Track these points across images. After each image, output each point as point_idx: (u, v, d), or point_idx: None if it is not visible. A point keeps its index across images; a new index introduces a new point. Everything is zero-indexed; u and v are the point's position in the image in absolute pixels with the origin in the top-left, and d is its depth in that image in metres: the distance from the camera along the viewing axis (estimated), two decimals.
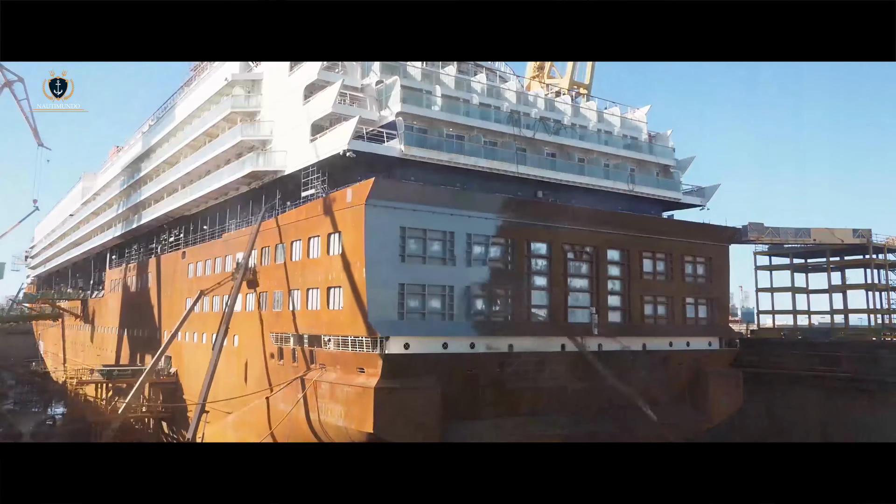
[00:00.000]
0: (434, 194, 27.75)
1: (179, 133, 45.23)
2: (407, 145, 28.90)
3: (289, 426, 28.90)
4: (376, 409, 24.38)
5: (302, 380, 28.43)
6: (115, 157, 65.45)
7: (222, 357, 36.27)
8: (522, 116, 33.44)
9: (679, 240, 34.19)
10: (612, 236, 31.85)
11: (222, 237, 38.70)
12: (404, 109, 29.77)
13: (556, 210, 30.82)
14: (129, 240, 57.66)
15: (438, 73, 33.00)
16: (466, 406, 26.80)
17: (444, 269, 27.25)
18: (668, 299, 33.81)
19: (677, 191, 37.82)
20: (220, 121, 38.17)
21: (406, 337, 25.58)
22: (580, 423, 28.56)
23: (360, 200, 25.92)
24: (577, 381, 29.17)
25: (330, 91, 29.63)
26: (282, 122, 33.99)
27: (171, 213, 46.30)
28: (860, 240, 43.12)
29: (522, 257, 29.19)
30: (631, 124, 38.48)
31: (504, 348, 27.75)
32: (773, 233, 42.75)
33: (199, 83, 43.46)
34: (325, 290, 28.01)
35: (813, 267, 48.63)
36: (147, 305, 48.92)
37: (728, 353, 35.25)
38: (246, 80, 36.90)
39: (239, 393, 32.97)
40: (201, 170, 40.70)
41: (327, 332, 27.82)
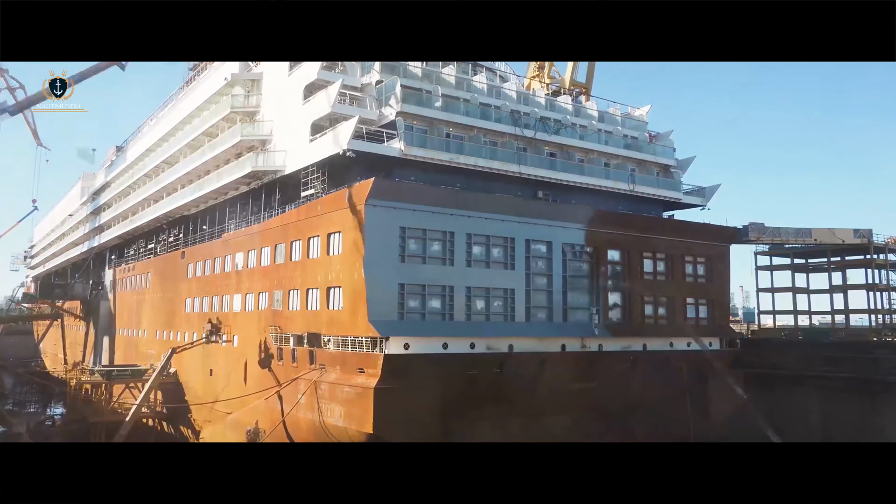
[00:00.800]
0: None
1: (179, 133, 45.22)
2: (407, 145, 28.87)
3: (288, 426, 28.91)
4: (376, 409, 24.36)
5: (301, 380, 28.42)
6: (115, 157, 65.45)
7: (222, 357, 36.33)
8: (523, 116, 33.41)
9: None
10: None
11: (222, 237, 38.69)
12: (404, 109, 29.72)
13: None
14: (129, 240, 57.65)
15: (438, 73, 32.94)
16: (466, 406, 26.77)
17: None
18: (667, 299, 33.86)
19: (678, 191, 37.80)
20: (219, 120, 38.19)
21: (406, 337, 25.57)
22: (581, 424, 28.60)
23: (360, 200, 25.92)
24: (578, 381, 29.18)
25: (330, 91, 29.61)
26: (281, 122, 33.97)
27: (170, 213, 46.28)
28: (861, 240, 43.01)
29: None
30: (632, 124, 38.47)
31: (504, 348, 27.75)
32: (774, 233, 42.61)
33: (199, 83, 43.45)
34: (324, 291, 28.01)
35: (814, 267, 48.55)
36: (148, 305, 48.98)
37: (728, 353, 35.25)
38: (245, 79, 36.89)
39: (238, 393, 32.96)
40: (201, 169, 40.67)
41: (327, 332, 27.81)
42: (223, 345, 35.07)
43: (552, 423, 27.99)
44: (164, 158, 47.15)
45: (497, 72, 39.36)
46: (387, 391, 24.54)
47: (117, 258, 60.76)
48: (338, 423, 26.07)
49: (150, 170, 50.22)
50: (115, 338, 56.92)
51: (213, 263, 39.07)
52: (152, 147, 50.53)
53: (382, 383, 24.63)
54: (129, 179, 55.53)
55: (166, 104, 52.19)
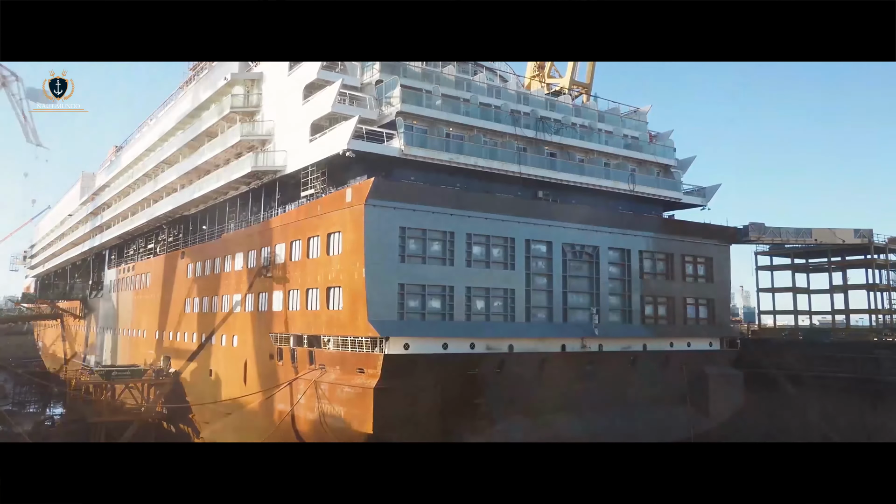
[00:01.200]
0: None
1: (179, 132, 45.20)
2: (407, 145, 28.83)
3: (288, 427, 28.88)
4: (376, 409, 24.34)
5: (301, 381, 28.40)
6: (115, 157, 65.42)
7: (222, 358, 36.31)
8: (523, 116, 33.36)
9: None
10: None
11: (221, 237, 38.64)
12: (404, 109, 29.63)
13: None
14: (128, 240, 57.60)
15: (439, 73, 32.88)
16: (466, 406, 26.73)
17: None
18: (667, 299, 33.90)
19: (678, 191, 37.77)
20: (219, 120, 38.04)
21: (406, 337, 25.56)
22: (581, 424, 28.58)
23: (360, 200, 25.90)
24: (578, 381, 29.17)
25: (330, 90, 29.53)
26: (281, 122, 33.91)
27: (170, 213, 46.23)
28: (862, 240, 42.96)
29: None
30: (632, 124, 38.39)
31: (504, 349, 27.73)
32: (774, 233, 42.55)
33: (199, 82, 43.38)
34: (324, 291, 27.98)
35: (814, 267, 48.53)
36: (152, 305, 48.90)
37: (729, 353, 35.24)
38: (245, 78, 36.76)
39: (238, 393, 32.95)
40: (201, 169, 40.60)
41: (327, 332, 27.79)
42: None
43: (552, 423, 27.99)
44: (163, 158, 47.07)
45: (497, 72, 39.28)
46: (387, 391, 24.50)
47: (117, 258, 60.71)
48: (338, 423, 26.05)
49: (150, 169, 50.14)
50: (114, 338, 56.87)
51: (213, 263, 39.03)
52: (152, 147, 50.48)
53: (382, 384, 24.59)
54: (129, 179, 55.48)
55: (166, 104, 52.17)
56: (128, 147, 60.68)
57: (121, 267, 57.66)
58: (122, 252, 59.54)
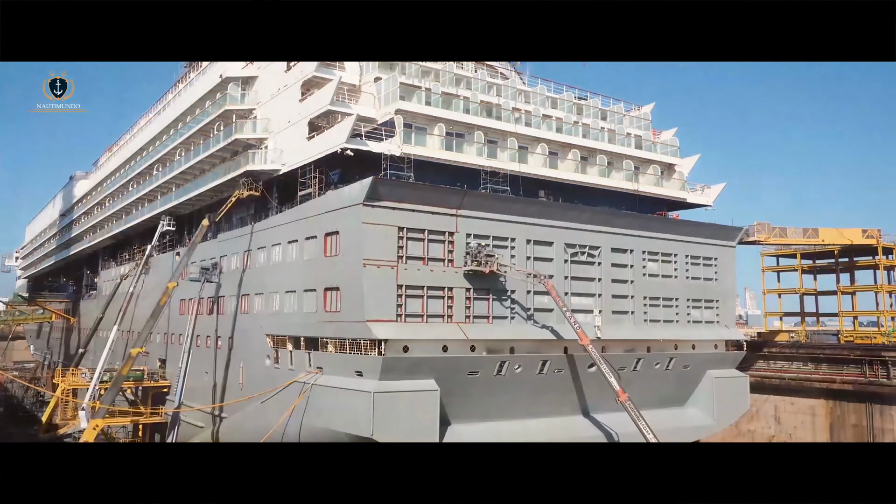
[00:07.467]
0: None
1: (173, 131, 44.36)
2: (405, 143, 28.34)
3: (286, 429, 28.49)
4: (375, 411, 24.23)
5: (300, 382, 28.08)
6: (108, 157, 65.16)
7: (222, 358, 36.01)
8: (524, 114, 33.02)
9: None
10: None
11: (218, 238, 38.38)
12: (402, 106, 28.99)
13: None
14: (122, 240, 57.06)
15: (438, 70, 32.39)
16: (466, 407, 26.63)
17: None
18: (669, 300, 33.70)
19: (682, 190, 37.49)
20: (214, 118, 37.15)
21: (405, 339, 25.27)
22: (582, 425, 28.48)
23: (359, 200, 25.58)
24: (580, 382, 29.05)
25: (327, 88, 29.01)
26: (278, 120, 33.16)
27: (164, 213, 45.69)
28: (869, 240, 42.64)
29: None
30: (635, 122, 38.01)
31: (505, 350, 27.48)
32: (781, 233, 42.27)
33: (194, 80, 42.55)
34: (323, 292, 27.82)
35: (821, 268, 48.18)
36: None
37: (734, 355, 34.98)
38: (241, 77, 35.99)
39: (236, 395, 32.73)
40: (195, 169, 39.91)
41: (325, 333, 27.55)
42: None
43: (552, 423, 27.88)
44: (157, 157, 46.36)
45: (497, 69, 38.88)
46: (386, 393, 24.41)
47: (109, 258, 60.40)
48: (337, 425, 25.87)
49: (144, 169, 49.34)
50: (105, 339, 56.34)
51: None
52: (146, 146, 49.78)
53: (382, 385, 24.49)
54: (122, 179, 54.74)
55: (160, 102, 51.60)
56: (121, 146, 59.91)
57: (113, 268, 57.12)
58: (114, 253, 58.81)
